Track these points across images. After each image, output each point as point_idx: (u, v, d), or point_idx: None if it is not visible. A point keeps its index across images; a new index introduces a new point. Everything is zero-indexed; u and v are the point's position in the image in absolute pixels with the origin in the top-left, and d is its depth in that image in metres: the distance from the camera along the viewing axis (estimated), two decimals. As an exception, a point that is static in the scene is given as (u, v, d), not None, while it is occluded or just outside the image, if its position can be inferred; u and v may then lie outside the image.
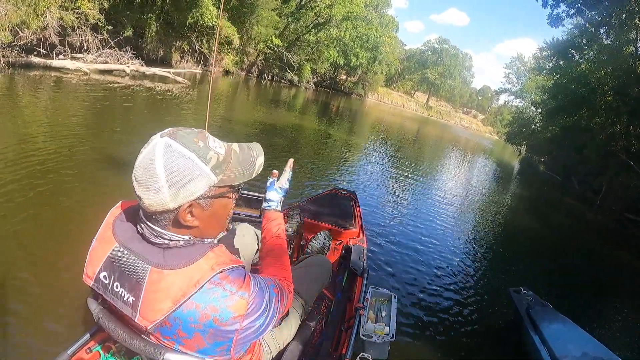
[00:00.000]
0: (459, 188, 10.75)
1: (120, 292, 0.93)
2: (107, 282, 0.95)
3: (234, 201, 1.05)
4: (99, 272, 0.96)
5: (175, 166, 0.86)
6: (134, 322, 0.92)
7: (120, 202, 1.07)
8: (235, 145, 1.03)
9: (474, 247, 5.90)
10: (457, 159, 18.70)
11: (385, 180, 8.56)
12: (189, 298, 0.87)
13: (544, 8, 14.65)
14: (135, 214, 0.99)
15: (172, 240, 0.94)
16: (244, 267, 1.00)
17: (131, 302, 0.91)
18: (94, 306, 1.05)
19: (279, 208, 1.52)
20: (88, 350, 1.24)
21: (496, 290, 4.56)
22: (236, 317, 0.90)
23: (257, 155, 1.06)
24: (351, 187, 6.84)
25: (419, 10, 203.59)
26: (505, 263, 5.84)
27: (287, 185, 1.58)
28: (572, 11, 14.22)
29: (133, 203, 1.03)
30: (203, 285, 0.88)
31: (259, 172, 1.06)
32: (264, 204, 1.52)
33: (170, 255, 0.92)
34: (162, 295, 0.88)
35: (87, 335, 1.29)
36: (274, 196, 1.52)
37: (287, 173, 1.62)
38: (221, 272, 0.91)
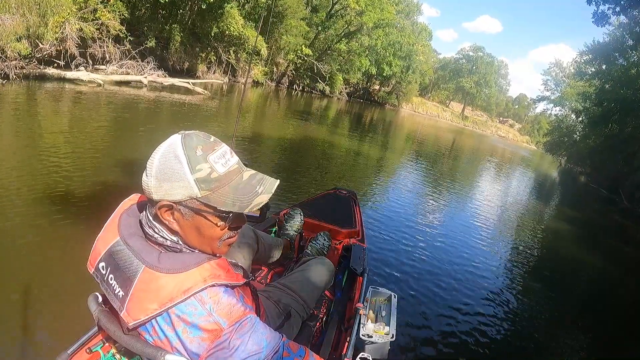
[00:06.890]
0: (489, 201, 9.84)
1: (113, 285, 0.92)
2: (104, 272, 0.95)
3: (225, 230, 0.96)
4: (99, 262, 0.97)
5: (165, 162, 0.88)
6: (120, 317, 0.92)
7: (134, 194, 1.08)
8: (248, 172, 0.97)
9: (486, 258, 5.45)
10: (492, 171, 17.68)
11: (407, 188, 8.29)
12: (175, 304, 0.85)
13: (589, 5, 13.79)
14: (143, 209, 0.99)
15: (160, 236, 0.94)
16: (247, 284, 1.06)
17: (121, 296, 0.90)
18: (94, 307, 1.04)
19: None
20: (88, 351, 1.24)
21: (502, 295, 4.41)
22: (204, 339, 0.85)
23: (261, 192, 0.95)
24: (372, 194, 7.09)
25: (451, 18, 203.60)
26: (529, 280, 5.26)
27: None
28: (617, 8, 13.17)
29: (144, 198, 1.00)
30: (191, 296, 0.86)
31: (254, 209, 0.94)
32: None
33: (165, 258, 0.90)
34: (150, 296, 0.87)
35: (87, 336, 1.28)
36: None
37: None
38: (213, 285, 0.89)
